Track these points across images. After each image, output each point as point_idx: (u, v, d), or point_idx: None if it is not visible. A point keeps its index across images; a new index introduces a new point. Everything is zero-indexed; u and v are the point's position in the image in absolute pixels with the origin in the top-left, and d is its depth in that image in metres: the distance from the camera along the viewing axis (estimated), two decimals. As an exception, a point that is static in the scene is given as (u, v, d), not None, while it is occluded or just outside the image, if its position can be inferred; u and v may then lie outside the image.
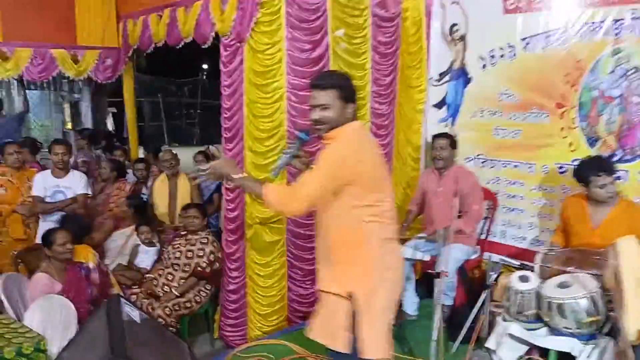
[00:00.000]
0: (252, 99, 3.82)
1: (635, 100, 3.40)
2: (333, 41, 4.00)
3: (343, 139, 2.31)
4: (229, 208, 4.04)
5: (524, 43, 3.87)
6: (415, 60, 4.45)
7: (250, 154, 3.89)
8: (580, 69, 3.61)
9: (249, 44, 3.75)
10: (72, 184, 4.56)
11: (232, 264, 4.08)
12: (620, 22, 3.41)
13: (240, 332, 4.17)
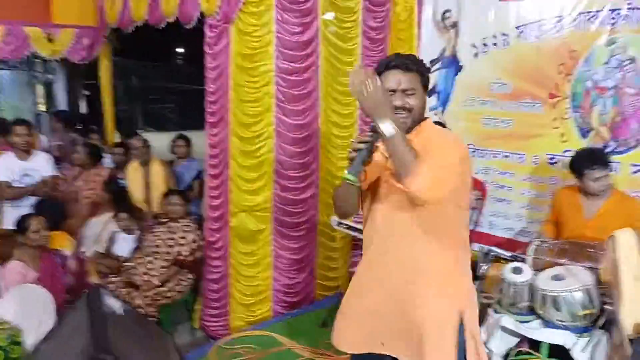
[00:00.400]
0: (238, 82, 3.70)
1: (630, 91, 3.37)
2: (323, 25, 3.89)
3: (448, 136, 2.03)
4: (212, 195, 3.92)
5: (517, 31, 3.81)
6: (405, 46, 4.35)
7: (236, 140, 3.77)
8: (574, 58, 3.57)
9: (236, 25, 3.63)
10: (39, 166, 4.38)
11: (215, 252, 3.98)
12: (617, 11, 3.37)
13: (222, 322, 4.08)
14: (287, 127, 3.84)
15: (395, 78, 1.86)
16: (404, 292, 1.98)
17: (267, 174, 3.86)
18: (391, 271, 1.99)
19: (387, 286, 2.00)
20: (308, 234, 4.08)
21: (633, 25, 3.33)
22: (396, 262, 1.98)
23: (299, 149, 3.92)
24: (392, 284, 1.99)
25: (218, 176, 3.88)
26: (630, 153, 3.38)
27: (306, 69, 3.85)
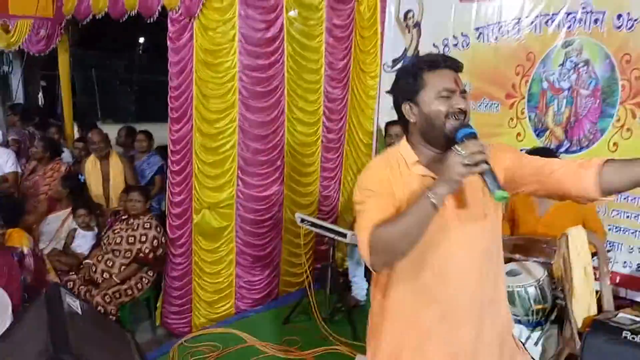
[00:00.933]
0: (202, 78, 3.67)
1: (584, 92, 3.50)
2: (288, 22, 3.89)
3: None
4: (174, 192, 3.89)
5: (477, 33, 3.90)
6: (369, 45, 4.40)
7: (199, 136, 3.75)
8: (531, 60, 3.67)
9: (199, 20, 3.59)
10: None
11: (177, 249, 3.95)
12: (572, 15, 3.48)
13: (184, 319, 4.07)
14: (251, 123, 3.83)
15: (452, 77, 1.55)
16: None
17: (230, 171, 3.84)
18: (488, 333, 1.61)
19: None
20: (272, 230, 4.09)
21: (587, 28, 3.45)
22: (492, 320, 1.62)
23: (263, 145, 3.91)
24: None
25: (181, 172, 3.85)
26: (583, 152, 3.50)
27: (270, 66, 3.85)
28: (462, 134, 1.45)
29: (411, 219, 1.42)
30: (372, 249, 1.47)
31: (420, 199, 1.41)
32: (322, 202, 4.52)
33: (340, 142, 4.59)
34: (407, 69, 1.60)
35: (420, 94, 1.54)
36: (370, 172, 1.62)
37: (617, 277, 3.46)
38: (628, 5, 3.27)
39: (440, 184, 1.41)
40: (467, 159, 1.37)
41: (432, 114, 1.52)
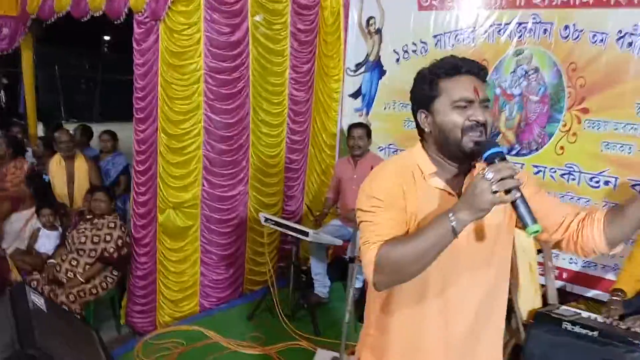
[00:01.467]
0: (167, 79, 3.73)
1: (533, 99, 3.69)
2: (252, 26, 3.98)
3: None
4: (139, 191, 3.93)
5: (435, 40, 4.07)
6: (332, 49, 4.53)
7: (165, 137, 3.80)
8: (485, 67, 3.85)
9: (165, 23, 3.65)
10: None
11: (142, 249, 3.99)
12: (523, 25, 3.68)
13: (149, 318, 4.10)
14: (216, 124, 3.90)
15: (471, 85, 1.38)
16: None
17: (195, 171, 3.91)
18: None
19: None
20: (237, 230, 4.17)
21: (537, 38, 3.65)
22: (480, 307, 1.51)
23: (228, 146, 3.99)
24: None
25: (145, 172, 3.90)
26: (533, 155, 3.70)
27: (235, 69, 3.93)
28: (490, 154, 1.27)
29: (426, 241, 1.29)
30: (377, 268, 1.34)
31: (440, 221, 1.28)
32: (286, 202, 4.63)
33: (305, 144, 4.70)
34: (424, 74, 1.45)
35: (435, 102, 1.41)
36: (381, 180, 1.45)
37: (565, 273, 3.68)
38: (574, 17, 3.48)
39: (465, 209, 1.25)
40: (497, 185, 1.21)
41: (447, 126, 1.38)
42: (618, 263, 3.46)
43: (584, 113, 3.46)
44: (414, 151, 1.50)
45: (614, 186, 3.42)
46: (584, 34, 3.45)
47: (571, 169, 3.56)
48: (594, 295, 3.57)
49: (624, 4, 3.31)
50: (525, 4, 3.66)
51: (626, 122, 3.34)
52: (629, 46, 3.30)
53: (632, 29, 3.28)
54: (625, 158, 3.37)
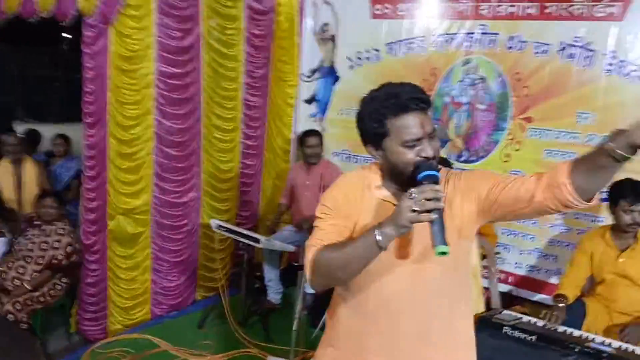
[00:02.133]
0: (117, 84, 3.67)
1: (480, 107, 3.79)
2: (205, 30, 3.96)
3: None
4: (88, 197, 3.85)
5: (387, 48, 4.12)
6: (287, 55, 4.54)
7: (115, 142, 3.74)
8: (435, 75, 3.93)
9: (115, 26, 3.59)
10: None
11: (92, 256, 3.91)
12: (471, 35, 3.76)
13: (100, 326, 4.03)
14: (167, 130, 3.87)
15: (418, 123, 1.41)
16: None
17: (146, 177, 3.86)
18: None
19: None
20: (189, 236, 4.14)
21: (484, 48, 3.74)
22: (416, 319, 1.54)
23: (180, 152, 3.96)
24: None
25: (95, 178, 3.82)
26: (480, 162, 3.80)
27: (187, 74, 3.90)
28: (423, 176, 1.36)
29: (353, 251, 1.38)
30: (313, 270, 1.45)
31: (367, 234, 1.36)
32: (241, 208, 4.61)
33: (260, 149, 4.70)
34: (371, 110, 1.45)
35: (385, 140, 1.44)
36: (333, 190, 1.57)
37: (510, 277, 3.77)
38: (519, 28, 3.59)
39: (389, 225, 1.33)
40: (417, 205, 1.28)
41: (399, 163, 1.44)
42: (561, 267, 3.57)
43: (528, 122, 3.56)
44: (371, 166, 1.59)
45: (556, 193, 3.53)
46: (528, 45, 3.56)
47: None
48: (539, 299, 3.68)
49: (566, 16, 3.42)
50: (474, 15, 3.75)
51: (567, 131, 3.46)
52: (570, 57, 3.42)
53: (573, 41, 3.40)
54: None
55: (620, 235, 2.90)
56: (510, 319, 2.81)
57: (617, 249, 2.90)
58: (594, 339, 2.63)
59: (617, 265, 2.89)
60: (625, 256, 2.88)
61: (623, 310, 2.89)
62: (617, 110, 3.33)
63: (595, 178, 1.29)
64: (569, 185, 1.30)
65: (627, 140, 1.20)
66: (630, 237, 2.89)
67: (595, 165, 1.28)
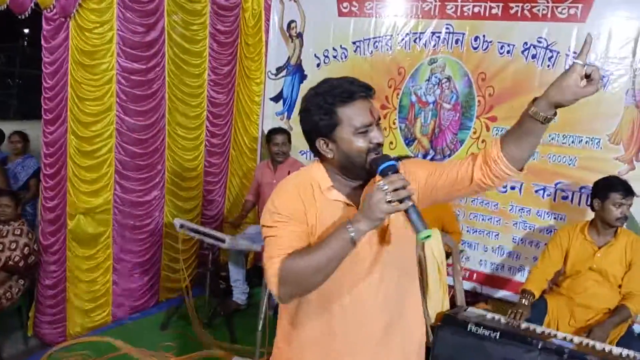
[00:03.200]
0: (77, 79, 3.58)
1: (446, 106, 3.81)
2: (169, 25, 3.88)
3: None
4: (47, 196, 3.74)
5: (354, 46, 4.11)
6: (254, 52, 4.50)
7: (74, 139, 3.64)
8: (402, 74, 3.94)
9: (75, 20, 3.49)
10: None
11: (50, 257, 3.80)
12: (437, 34, 3.78)
13: (59, 329, 3.91)
14: (129, 127, 3.78)
15: (367, 109, 1.43)
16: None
17: (107, 175, 3.77)
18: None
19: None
20: (152, 236, 4.05)
21: (450, 47, 3.77)
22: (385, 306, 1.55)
23: (143, 149, 3.88)
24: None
25: (54, 176, 3.71)
26: (445, 160, 3.81)
27: (150, 69, 3.82)
28: (384, 167, 1.36)
29: (327, 253, 1.34)
30: (281, 281, 1.38)
31: (339, 233, 1.34)
32: (206, 207, 4.54)
33: (226, 147, 4.63)
34: (318, 103, 1.44)
35: (336, 130, 1.42)
36: (282, 196, 1.49)
37: (475, 274, 3.81)
38: (484, 28, 3.62)
39: (362, 220, 1.32)
40: (391, 195, 1.29)
41: (352, 152, 1.42)
42: (525, 265, 3.62)
43: (492, 121, 3.60)
44: (312, 168, 1.54)
45: (519, 191, 3.58)
46: (493, 44, 3.60)
47: (481, 175, 3.69)
48: (503, 296, 3.73)
49: (530, 17, 3.47)
50: (440, 14, 3.77)
51: (530, 130, 3.50)
52: (533, 58, 3.47)
53: (537, 41, 3.45)
54: (529, 164, 3.46)
55: (599, 231, 2.95)
56: (475, 316, 2.83)
57: (595, 244, 2.95)
58: (556, 334, 2.67)
59: (594, 261, 2.93)
60: (602, 252, 2.92)
61: (586, 303, 2.93)
62: (578, 109, 3.37)
63: (525, 144, 1.38)
64: (503, 158, 1.38)
65: (547, 101, 1.30)
66: (609, 234, 2.94)
67: (523, 133, 1.36)
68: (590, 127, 3.36)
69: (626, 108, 3.27)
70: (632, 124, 3.26)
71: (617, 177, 2.97)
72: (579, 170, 3.40)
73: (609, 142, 3.32)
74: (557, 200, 3.49)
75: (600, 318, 2.89)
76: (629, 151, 3.28)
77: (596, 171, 3.24)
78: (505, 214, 3.65)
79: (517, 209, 3.61)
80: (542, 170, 3.49)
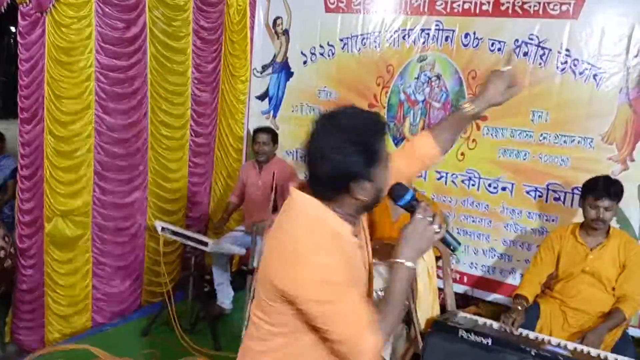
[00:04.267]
0: (54, 77, 3.46)
1: (436, 105, 3.72)
2: (150, 21, 3.76)
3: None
4: (23, 198, 3.61)
5: (342, 43, 4.01)
6: (239, 49, 4.39)
7: (52, 139, 3.52)
8: (390, 72, 3.84)
9: (52, 15, 3.37)
10: None
11: (27, 260, 3.67)
12: (427, 31, 3.69)
13: (36, 335, 3.79)
14: (109, 126, 3.66)
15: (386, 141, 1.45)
16: None
17: (86, 176, 3.65)
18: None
19: None
20: (133, 239, 3.93)
21: (439, 45, 3.68)
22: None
23: (124, 149, 3.76)
24: None
25: (31, 177, 3.58)
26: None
27: (131, 67, 3.71)
28: (411, 197, 1.41)
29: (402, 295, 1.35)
30: (382, 341, 1.31)
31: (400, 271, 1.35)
32: (190, 209, 4.42)
33: (210, 147, 4.53)
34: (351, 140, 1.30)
35: (374, 168, 1.32)
36: (324, 258, 1.29)
37: (465, 277, 3.73)
38: (474, 25, 3.54)
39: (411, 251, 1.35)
40: (436, 225, 1.35)
41: (384, 187, 1.38)
42: (516, 267, 3.55)
43: (483, 120, 3.51)
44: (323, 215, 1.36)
45: (510, 192, 3.50)
46: (483, 42, 3.51)
47: (471, 175, 3.62)
48: (494, 299, 3.65)
49: (521, 13, 3.39)
50: (429, 11, 3.68)
51: (522, 129, 3.43)
52: (525, 55, 3.39)
53: (528, 39, 3.37)
54: (520, 164, 3.46)
55: (590, 232, 2.87)
56: (466, 322, 2.74)
57: (587, 246, 2.87)
58: (550, 341, 2.59)
59: (586, 263, 2.85)
60: (595, 254, 2.84)
61: (579, 307, 2.85)
62: (570, 108, 3.32)
63: (456, 137, 1.67)
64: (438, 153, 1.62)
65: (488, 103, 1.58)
66: (601, 235, 2.86)
67: (459, 129, 1.66)
68: (582, 126, 3.29)
69: (619, 107, 3.19)
70: (626, 124, 3.19)
71: (602, 178, 2.85)
72: (571, 171, 3.33)
73: (602, 141, 3.24)
74: (548, 201, 3.41)
75: (594, 322, 2.81)
76: (622, 151, 3.21)
77: (589, 171, 3.16)
78: (496, 216, 3.56)
79: (508, 210, 3.53)
80: (534, 170, 3.42)
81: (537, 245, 3.19)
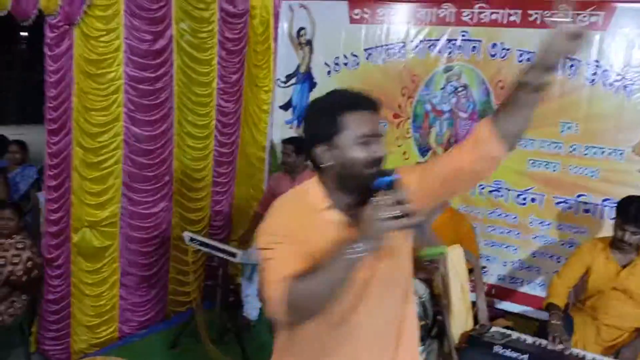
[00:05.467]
0: (83, 89, 3.48)
1: (462, 115, 3.72)
2: (177, 33, 3.79)
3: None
4: (51, 209, 3.62)
5: (366, 54, 4.02)
6: (262, 60, 4.40)
7: (80, 151, 3.54)
8: (415, 82, 3.85)
9: (80, 28, 3.39)
10: None
11: (54, 271, 3.68)
12: (453, 41, 3.69)
13: (62, 345, 3.80)
14: (137, 137, 3.69)
15: (371, 121, 1.40)
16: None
17: (114, 187, 3.66)
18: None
19: None
20: (159, 249, 3.95)
21: (466, 55, 3.68)
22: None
23: (150, 160, 3.78)
24: None
25: (58, 188, 3.59)
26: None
27: (159, 78, 3.73)
28: (380, 183, 1.29)
29: (336, 273, 1.28)
30: (290, 306, 1.29)
31: (339, 255, 1.28)
32: (214, 218, 4.43)
33: (233, 156, 4.53)
34: (324, 107, 1.42)
35: (338, 136, 1.37)
36: (278, 216, 1.44)
37: (493, 289, 3.71)
38: (502, 36, 3.53)
39: (361, 240, 1.26)
40: (386, 213, 1.22)
41: (350, 161, 1.37)
42: (544, 279, 3.53)
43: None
44: (309, 185, 1.48)
45: (540, 203, 3.48)
46: (511, 52, 3.51)
47: (499, 186, 3.61)
48: (522, 311, 3.63)
49: (549, 24, 3.37)
50: (455, 21, 3.68)
51: (551, 141, 3.42)
52: (553, 66, 3.36)
53: (557, 50, 3.35)
54: (550, 176, 3.44)
55: (620, 249, 2.85)
56: (500, 337, 2.73)
57: (618, 263, 2.84)
58: (585, 356, 2.57)
59: (617, 280, 2.83)
60: (626, 272, 2.81)
61: (613, 323, 2.84)
62: (600, 120, 3.31)
63: (518, 118, 1.30)
64: (494, 136, 1.30)
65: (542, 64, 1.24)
66: (632, 252, 2.84)
67: (517, 105, 1.29)
68: (612, 138, 3.28)
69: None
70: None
71: (636, 203, 2.77)
72: (601, 183, 3.31)
73: (633, 153, 3.22)
74: (578, 214, 3.39)
75: (627, 337, 2.79)
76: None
77: (619, 183, 3.15)
78: (525, 227, 3.55)
79: (537, 222, 3.51)
80: (563, 182, 3.40)
81: (566, 257, 3.17)
